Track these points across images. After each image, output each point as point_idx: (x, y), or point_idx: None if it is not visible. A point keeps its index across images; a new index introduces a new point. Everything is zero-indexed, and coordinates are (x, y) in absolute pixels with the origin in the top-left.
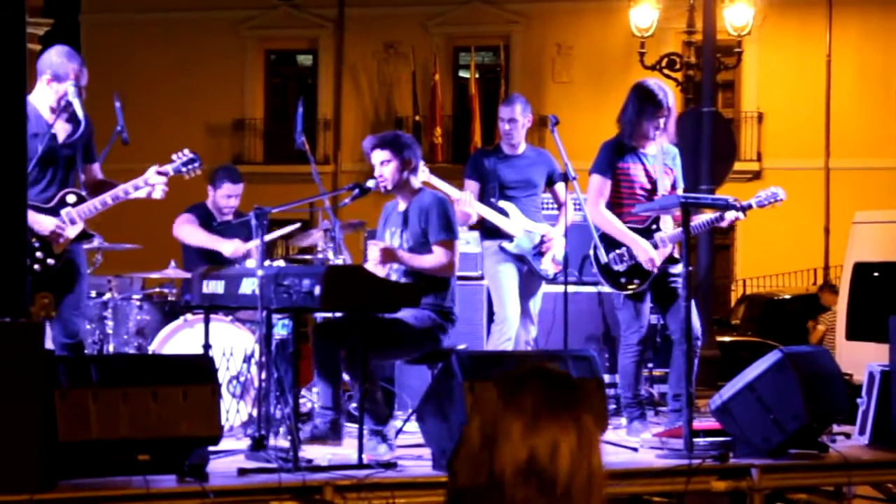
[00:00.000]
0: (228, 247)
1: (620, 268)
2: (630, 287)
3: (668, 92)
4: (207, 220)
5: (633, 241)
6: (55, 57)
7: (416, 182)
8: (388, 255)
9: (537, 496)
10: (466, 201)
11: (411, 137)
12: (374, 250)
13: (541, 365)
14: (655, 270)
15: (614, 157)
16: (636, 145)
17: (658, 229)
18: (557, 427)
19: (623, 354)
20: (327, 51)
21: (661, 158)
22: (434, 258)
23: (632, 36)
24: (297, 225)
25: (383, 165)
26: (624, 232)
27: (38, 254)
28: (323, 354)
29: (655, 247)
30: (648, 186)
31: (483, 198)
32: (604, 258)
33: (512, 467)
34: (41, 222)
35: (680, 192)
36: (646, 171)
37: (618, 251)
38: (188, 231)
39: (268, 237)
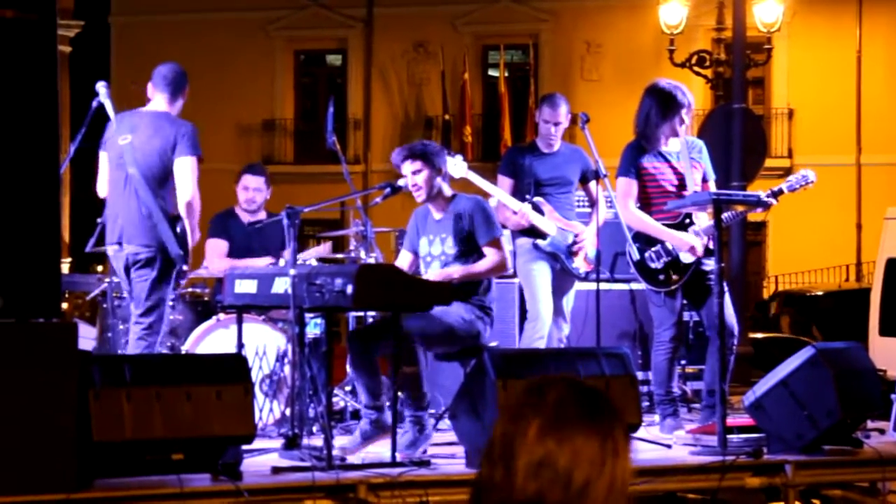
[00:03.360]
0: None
1: (657, 265)
2: (669, 283)
3: (684, 88)
4: (234, 226)
5: (670, 235)
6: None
7: (447, 189)
8: (447, 278)
9: (550, 488)
10: (526, 214)
11: (438, 145)
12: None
13: (574, 377)
14: (698, 255)
15: (636, 157)
16: (656, 146)
17: (692, 223)
18: (579, 433)
19: (656, 351)
20: (356, 51)
21: (686, 153)
22: (488, 261)
23: (661, 33)
24: (329, 245)
25: (416, 175)
26: (658, 228)
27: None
28: (360, 358)
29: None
30: (676, 182)
31: (517, 194)
32: (637, 256)
33: (525, 462)
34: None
35: (711, 183)
36: (672, 167)
37: (653, 249)
38: (219, 264)
39: (301, 256)
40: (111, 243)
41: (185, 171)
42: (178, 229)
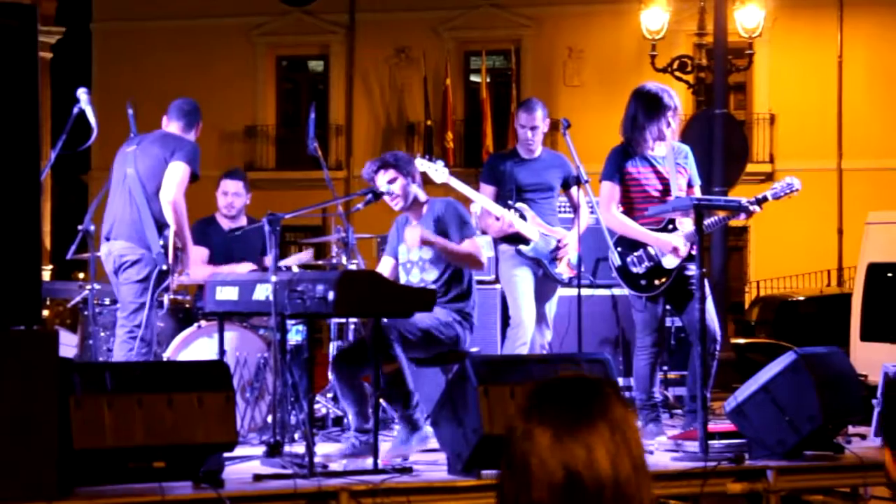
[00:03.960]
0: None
1: (639, 270)
2: (651, 289)
3: (671, 91)
4: (214, 233)
5: (654, 239)
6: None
7: (421, 195)
8: (426, 238)
9: (580, 489)
10: (509, 221)
11: (406, 153)
12: (413, 233)
13: (552, 378)
14: (682, 257)
15: (621, 162)
16: (643, 150)
17: (675, 229)
18: (586, 431)
19: (637, 357)
20: (339, 56)
21: (672, 158)
22: (467, 245)
23: (643, 38)
24: (311, 252)
25: (391, 184)
26: (640, 231)
27: None
28: (346, 382)
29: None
30: (661, 187)
31: (499, 201)
32: (619, 262)
33: (548, 490)
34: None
35: (697, 189)
36: (656, 172)
37: (636, 254)
38: (200, 271)
39: (282, 262)
40: (102, 238)
41: (173, 174)
42: (163, 237)
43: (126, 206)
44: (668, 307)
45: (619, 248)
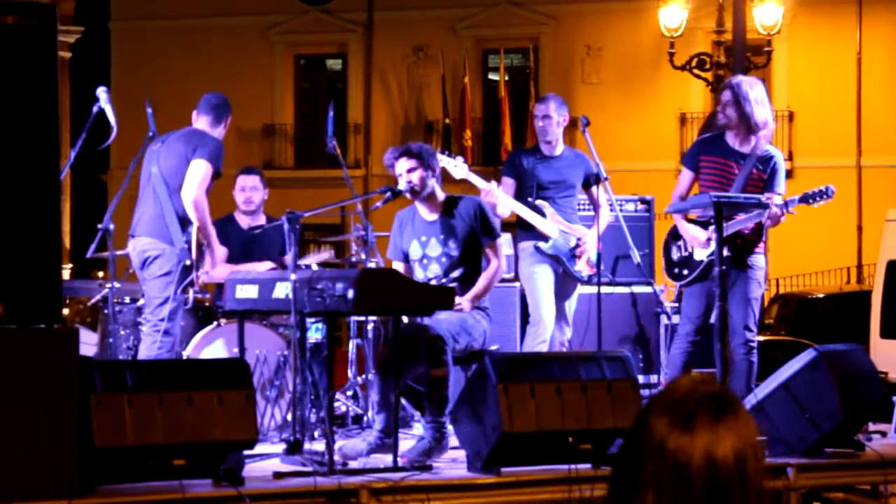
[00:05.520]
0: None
1: (675, 257)
2: (681, 278)
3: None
4: (233, 232)
5: (683, 229)
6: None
7: (439, 192)
8: (469, 306)
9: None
10: (492, 192)
11: (431, 147)
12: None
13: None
14: (706, 247)
15: (701, 150)
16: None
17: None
18: (729, 431)
19: (674, 343)
20: (357, 55)
21: (752, 159)
22: (492, 271)
23: (661, 36)
24: (332, 251)
25: (410, 173)
26: (678, 220)
27: None
28: (389, 393)
29: (708, 241)
30: (725, 181)
31: (520, 197)
32: (665, 245)
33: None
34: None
35: (775, 196)
36: (735, 168)
37: (679, 241)
38: (219, 270)
39: (302, 261)
40: (129, 235)
41: (195, 172)
42: (187, 234)
43: (150, 203)
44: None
45: (671, 234)
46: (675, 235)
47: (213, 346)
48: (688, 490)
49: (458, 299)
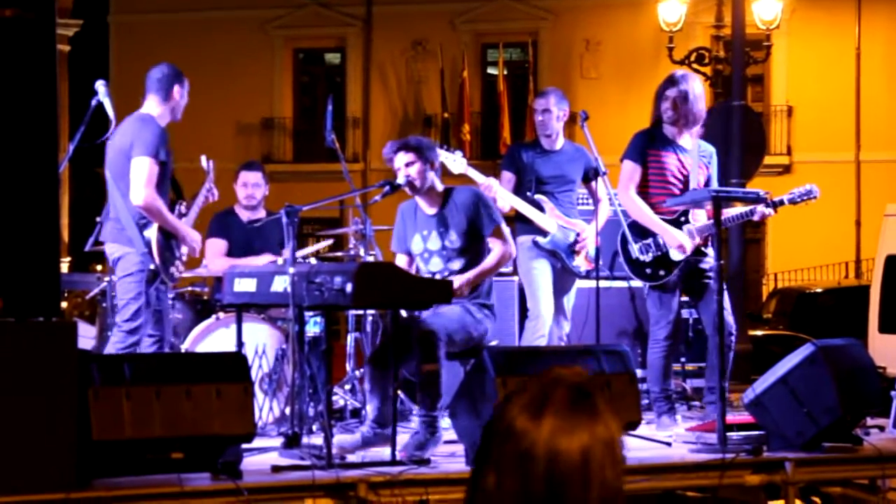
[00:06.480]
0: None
1: (646, 258)
2: (655, 278)
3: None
4: (233, 225)
5: (663, 229)
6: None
7: (438, 184)
8: (468, 286)
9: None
10: (491, 187)
11: (431, 140)
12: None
13: (558, 376)
14: (686, 254)
15: (647, 144)
16: (670, 135)
17: (687, 221)
18: (580, 424)
19: (651, 349)
20: (355, 49)
21: (696, 154)
22: (496, 254)
23: (660, 31)
24: (331, 242)
25: (409, 167)
26: (653, 220)
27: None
28: (379, 383)
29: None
30: (680, 177)
31: (519, 191)
32: (632, 250)
33: (544, 481)
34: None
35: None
36: (679, 161)
37: (644, 241)
38: (218, 263)
39: (300, 252)
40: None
41: (137, 173)
42: (146, 234)
43: (111, 207)
44: (684, 299)
45: (630, 235)
46: (639, 234)
47: (211, 339)
48: (527, 476)
49: (454, 278)
